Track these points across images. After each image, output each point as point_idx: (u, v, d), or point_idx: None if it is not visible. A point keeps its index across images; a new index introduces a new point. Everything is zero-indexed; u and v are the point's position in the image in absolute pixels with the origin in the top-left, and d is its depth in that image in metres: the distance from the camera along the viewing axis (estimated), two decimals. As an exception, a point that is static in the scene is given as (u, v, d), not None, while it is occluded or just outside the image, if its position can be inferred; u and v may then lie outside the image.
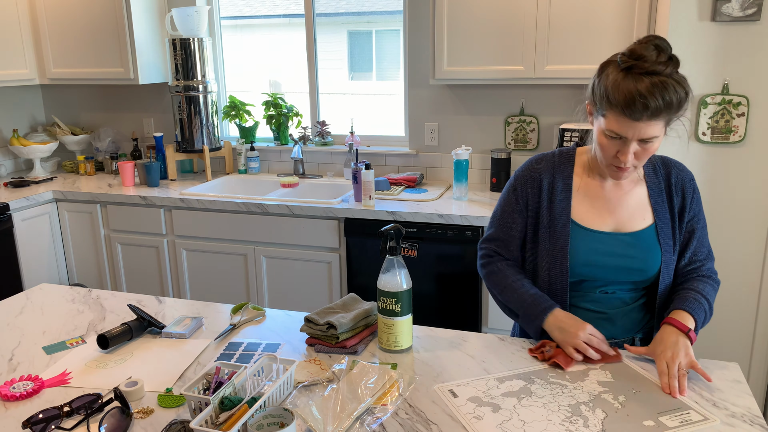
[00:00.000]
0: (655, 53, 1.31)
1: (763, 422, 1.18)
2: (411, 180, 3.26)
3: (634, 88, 1.29)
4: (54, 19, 3.56)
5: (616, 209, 1.50)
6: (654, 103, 1.28)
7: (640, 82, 1.29)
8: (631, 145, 1.35)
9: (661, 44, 1.32)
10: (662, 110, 1.30)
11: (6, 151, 3.92)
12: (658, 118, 1.31)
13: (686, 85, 1.33)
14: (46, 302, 1.85)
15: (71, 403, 1.26)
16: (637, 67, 1.31)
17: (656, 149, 1.38)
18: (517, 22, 2.81)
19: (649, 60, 1.30)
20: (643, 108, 1.29)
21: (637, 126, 1.32)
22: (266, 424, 1.10)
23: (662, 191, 1.51)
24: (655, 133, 1.33)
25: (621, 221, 1.49)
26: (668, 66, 1.31)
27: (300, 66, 3.69)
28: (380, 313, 1.48)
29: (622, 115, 1.31)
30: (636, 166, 1.40)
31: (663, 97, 1.28)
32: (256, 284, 3.18)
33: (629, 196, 1.51)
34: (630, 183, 1.51)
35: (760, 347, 2.51)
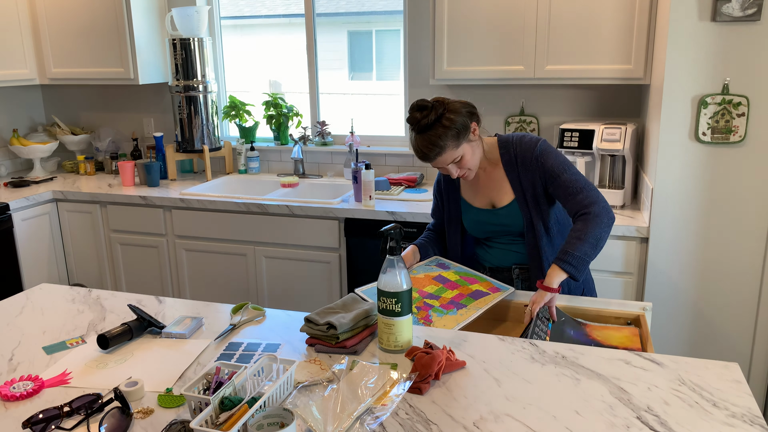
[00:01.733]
0: (419, 114, 1.74)
1: (763, 422, 1.18)
2: (411, 180, 3.26)
3: (417, 146, 1.77)
4: (54, 19, 3.56)
5: (486, 189, 1.95)
6: (432, 152, 1.76)
7: (419, 140, 1.76)
8: (448, 168, 1.82)
9: (421, 103, 1.75)
10: (442, 151, 1.75)
11: (6, 151, 3.92)
12: (443, 154, 1.76)
13: (458, 117, 1.75)
14: (46, 302, 1.85)
15: (71, 403, 1.26)
16: (415, 128, 1.76)
17: (469, 158, 1.81)
18: (517, 22, 2.81)
19: (415, 122, 1.75)
20: (427, 158, 1.78)
21: (435, 163, 1.80)
22: (266, 424, 1.10)
23: (514, 170, 1.89)
24: (452, 157, 1.78)
25: (492, 197, 1.95)
26: (432, 113, 1.73)
27: (300, 66, 3.69)
28: (380, 313, 1.48)
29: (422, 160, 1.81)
30: (469, 169, 1.84)
31: (436, 145, 1.74)
32: (256, 284, 3.18)
33: (491, 177, 1.94)
34: (490, 167, 1.94)
35: (760, 347, 2.51)
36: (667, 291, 2.54)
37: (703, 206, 2.45)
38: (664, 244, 2.51)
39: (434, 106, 1.74)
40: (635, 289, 2.61)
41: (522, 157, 1.88)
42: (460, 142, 1.77)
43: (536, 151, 1.86)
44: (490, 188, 1.95)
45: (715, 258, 2.48)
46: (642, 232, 2.52)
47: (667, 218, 2.48)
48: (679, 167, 2.43)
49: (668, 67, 2.36)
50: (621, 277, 2.61)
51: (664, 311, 2.57)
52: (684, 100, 2.37)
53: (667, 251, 2.51)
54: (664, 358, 1.44)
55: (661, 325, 2.59)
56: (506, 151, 1.90)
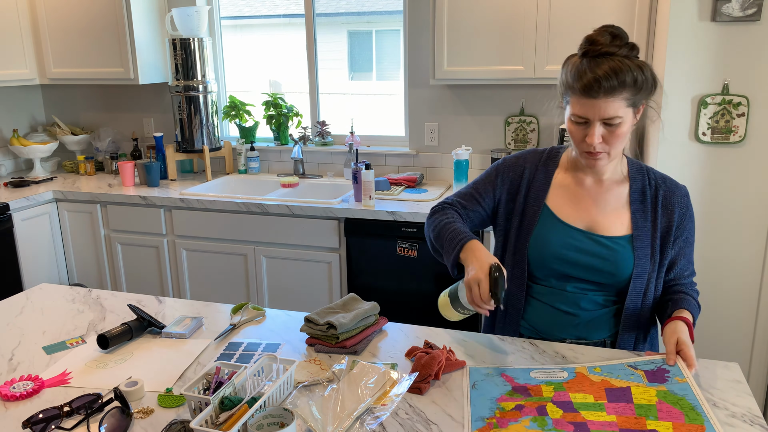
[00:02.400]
0: (609, 37, 1.37)
1: (763, 422, 1.18)
2: (411, 180, 3.26)
3: (587, 68, 1.36)
4: (54, 19, 3.56)
5: (593, 206, 1.51)
6: (608, 82, 1.33)
7: (595, 64, 1.36)
8: (595, 126, 1.38)
9: (616, 31, 1.38)
10: (617, 87, 1.34)
11: (6, 151, 3.92)
12: (614, 95, 1.34)
13: (646, 69, 1.38)
14: (46, 302, 1.85)
15: (71, 403, 1.26)
16: (592, 51, 1.37)
17: (625, 133, 1.40)
18: (517, 22, 2.81)
19: (603, 43, 1.37)
20: (598, 86, 1.33)
21: (597, 104, 1.35)
22: (266, 424, 1.10)
23: (645, 201, 1.51)
24: (617, 113, 1.36)
25: (596, 220, 1.50)
26: (622, 48, 1.37)
27: (300, 66, 3.69)
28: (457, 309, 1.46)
29: (582, 95, 1.36)
30: (608, 152, 1.42)
31: (617, 75, 1.33)
32: (256, 284, 3.18)
33: (609, 194, 1.51)
34: (611, 182, 1.52)
35: (760, 347, 2.51)
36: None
37: (703, 206, 2.44)
38: (664, 244, 2.50)
39: (630, 42, 1.39)
40: (635, 289, 2.60)
41: (667, 192, 1.51)
42: (634, 101, 1.38)
43: (689, 200, 1.52)
44: (600, 206, 1.51)
45: (715, 258, 2.48)
46: (642, 232, 2.52)
47: (667, 218, 2.48)
48: (679, 167, 2.43)
49: (668, 67, 2.36)
50: (621, 277, 2.61)
51: (664, 311, 2.57)
52: (684, 100, 2.37)
53: (667, 251, 2.51)
54: (664, 358, 1.44)
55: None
56: (639, 175, 1.53)
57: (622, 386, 1.28)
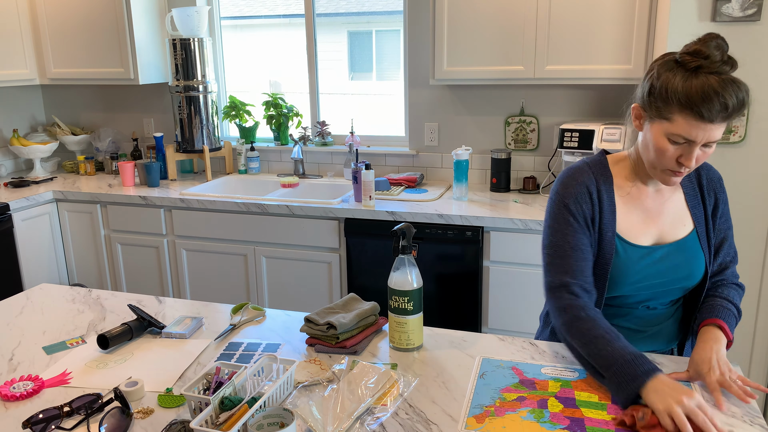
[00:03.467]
0: (719, 53, 1.26)
1: (763, 422, 1.18)
2: (411, 180, 3.26)
3: (710, 87, 1.22)
4: (54, 19, 3.56)
5: (658, 218, 1.44)
6: (731, 101, 1.23)
7: (713, 81, 1.23)
8: (696, 148, 1.28)
9: (722, 44, 1.27)
10: (736, 109, 1.24)
11: (6, 151, 3.92)
12: (730, 118, 1.26)
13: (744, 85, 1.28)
14: (46, 302, 1.85)
15: (71, 403, 1.26)
16: (704, 68, 1.25)
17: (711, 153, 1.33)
18: (517, 22, 2.81)
19: (716, 60, 1.25)
20: (722, 107, 1.22)
21: (709, 128, 1.25)
22: (266, 424, 1.10)
23: (697, 194, 1.45)
24: (720, 135, 1.28)
25: (663, 230, 1.43)
26: (732, 66, 1.27)
27: (300, 66, 3.69)
28: (392, 312, 1.49)
29: (697, 116, 1.24)
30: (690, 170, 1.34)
31: (737, 96, 1.23)
32: (256, 284, 3.18)
33: (669, 203, 1.45)
34: (669, 190, 1.45)
35: (760, 347, 2.51)
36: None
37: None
38: (664, 244, 2.51)
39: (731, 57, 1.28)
40: (635, 289, 2.61)
41: (709, 176, 1.47)
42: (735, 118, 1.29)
43: (722, 181, 1.49)
44: (665, 216, 1.44)
45: (715, 258, 2.48)
46: (642, 232, 2.52)
47: (667, 218, 2.48)
48: (679, 167, 2.43)
49: (668, 67, 2.36)
50: (621, 277, 2.61)
51: (664, 311, 2.57)
52: (684, 100, 2.37)
53: (667, 251, 2.51)
54: (664, 358, 1.44)
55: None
56: None
57: None
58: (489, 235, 2.74)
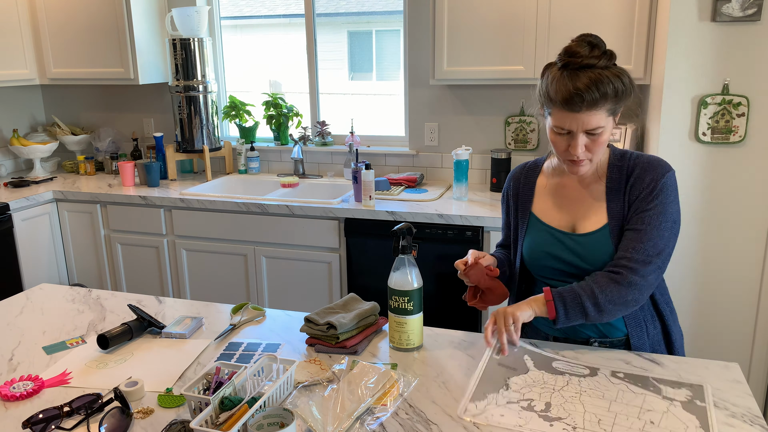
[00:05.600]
0: (587, 48, 1.38)
1: (763, 422, 1.18)
2: (411, 180, 3.26)
3: (570, 83, 1.35)
4: (54, 19, 3.56)
5: (573, 204, 1.55)
6: (590, 95, 1.34)
7: (575, 77, 1.36)
8: (579, 137, 1.39)
9: (594, 41, 1.39)
10: (599, 100, 1.35)
11: (6, 151, 3.92)
12: (596, 108, 1.36)
13: (624, 76, 1.38)
14: (46, 302, 1.85)
15: (71, 403, 1.26)
16: (572, 63, 1.38)
17: (606, 140, 1.41)
18: (517, 22, 2.81)
19: (582, 55, 1.37)
20: (579, 99, 1.34)
21: (579, 117, 1.37)
22: (266, 424, 1.10)
23: (621, 190, 1.49)
24: (599, 123, 1.37)
25: (577, 219, 1.53)
26: (601, 59, 1.37)
27: (300, 66, 3.69)
28: (392, 312, 1.49)
29: (563, 109, 1.37)
30: (590, 158, 1.44)
31: (598, 89, 1.34)
32: (256, 284, 3.18)
33: (586, 193, 1.54)
34: (591, 179, 1.54)
35: (760, 347, 2.51)
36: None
37: (703, 206, 2.44)
38: (664, 244, 2.50)
39: (609, 51, 1.39)
40: (635, 289, 2.60)
41: (639, 175, 1.46)
42: (615, 109, 1.39)
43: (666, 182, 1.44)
44: (579, 204, 1.54)
45: (715, 258, 2.48)
46: (642, 232, 2.52)
47: (667, 218, 2.48)
48: (679, 167, 2.43)
49: (668, 67, 2.36)
50: (621, 277, 2.61)
51: (664, 311, 2.56)
52: (684, 100, 2.37)
53: (667, 251, 2.51)
54: (664, 358, 1.44)
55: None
56: (619, 165, 1.50)
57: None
58: (489, 235, 2.74)
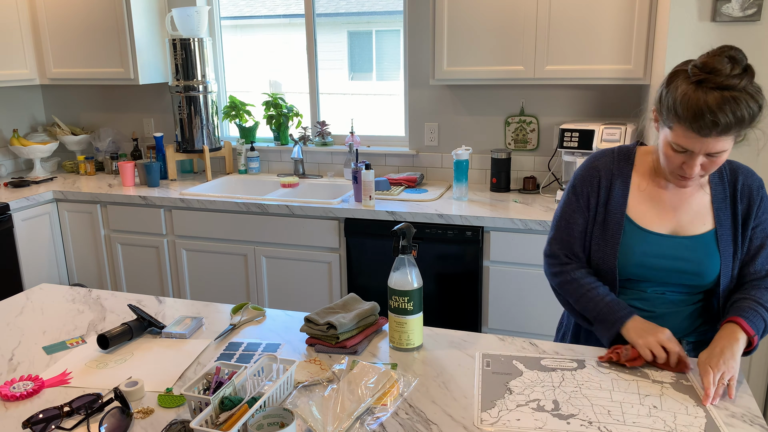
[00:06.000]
0: (729, 66, 1.26)
1: (763, 422, 1.18)
2: (411, 180, 3.26)
3: (704, 104, 1.24)
4: (54, 19, 3.56)
5: (677, 213, 1.46)
6: (724, 120, 1.24)
7: (710, 97, 1.24)
8: (697, 158, 1.31)
9: (736, 55, 1.27)
10: (732, 126, 1.25)
11: (6, 151, 3.92)
12: (727, 134, 1.27)
13: (760, 98, 1.28)
14: (46, 302, 1.85)
15: (71, 403, 1.26)
16: (709, 81, 1.25)
17: (724, 160, 1.34)
18: (517, 22, 2.81)
19: (723, 74, 1.25)
20: (712, 125, 1.24)
21: (705, 141, 1.27)
22: (266, 424, 1.10)
23: (726, 197, 1.45)
24: (724, 147, 1.29)
25: (680, 224, 1.46)
26: (743, 79, 1.26)
27: (300, 66, 3.69)
28: (392, 312, 1.49)
29: (690, 130, 1.27)
30: (702, 175, 1.37)
31: (734, 113, 1.24)
32: (256, 284, 3.18)
33: (692, 200, 1.46)
34: (694, 188, 1.47)
35: (760, 347, 2.51)
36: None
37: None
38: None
39: (747, 67, 1.27)
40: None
41: (744, 182, 1.45)
42: (743, 132, 1.30)
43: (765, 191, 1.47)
44: (683, 209, 1.46)
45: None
46: (642, 232, 2.52)
47: (667, 218, 2.48)
48: (679, 167, 2.43)
49: (668, 67, 2.36)
50: (621, 277, 2.61)
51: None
52: (684, 100, 2.37)
53: (667, 251, 2.51)
54: (664, 358, 1.44)
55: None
56: (718, 172, 1.47)
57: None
58: (489, 235, 2.74)
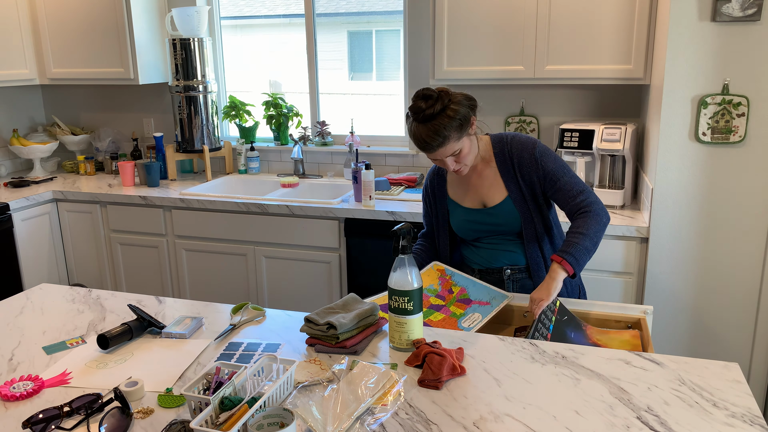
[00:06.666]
0: (423, 103, 1.71)
1: (763, 422, 1.18)
2: (411, 180, 3.26)
3: (419, 135, 1.73)
4: (54, 19, 3.56)
5: (477, 188, 1.93)
6: (436, 142, 1.72)
7: (421, 130, 1.72)
8: (446, 161, 1.79)
9: (427, 92, 1.71)
10: (445, 141, 1.72)
11: (6, 151, 3.92)
12: (445, 145, 1.73)
13: (459, 108, 1.71)
14: (46, 302, 1.85)
15: (71, 403, 1.26)
16: (417, 119, 1.72)
17: (470, 152, 1.80)
18: (517, 22, 2.81)
19: (420, 111, 1.71)
20: (430, 148, 1.74)
21: (437, 153, 1.76)
22: (266, 424, 1.10)
23: (510, 171, 1.89)
24: (454, 149, 1.76)
25: (483, 196, 1.93)
26: (437, 103, 1.70)
27: (300, 66, 3.69)
28: (392, 312, 1.49)
29: (423, 150, 1.77)
30: (466, 164, 1.82)
31: (440, 135, 1.71)
32: (256, 284, 3.18)
33: (483, 176, 1.93)
34: (482, 165, 1.93)
35: (760, 347, 2.51)
36: (667, 291, 2.54)
37: (703, 206, 2.45)
38: (663, 244, 2.51)
39: (440, 95, 1.71)
40: (635, 289, 2.61)
41: (519, 156, 1.87)
42: (462, 135, 1.75)
43: (536, 153, 1.86)
44: (481, 186, 1.93)
45: (715, 258, 2.48)
46: (642, 232, 2.52)
47: (667, 218, 2.48)
48: (679, 167, 2.43)
49: (668, 67, 2.36)
50: (621, 277, 2.61)
51: (663, 311, 2.57)
52: (684, 100, 2.37)
53: (666, 251, 2.51)
54: (664, 358, 1.44)
55: (660, 325, 2.59)
56: (500, 149, 1.90)
57: None
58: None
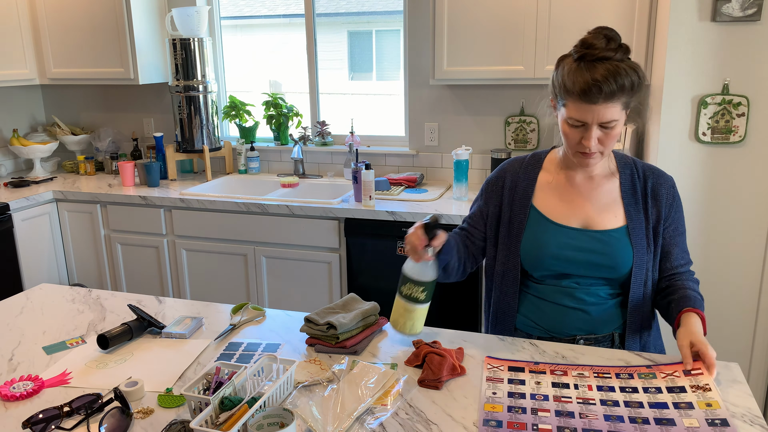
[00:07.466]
0: (604, 41, 1.40)
1: (763, 422, 1.18)
2: (411, 180, 3.26)
3: (588, 75, 1.38)
4: (54, 19, 3.56)
5: (586, 203, 1.54)
6: (608, 87, 1.36)
7: (593, 69, 1.38)
8: (592, 129, 1.41)
9: (610, 34, 1.41)
10: (616, 93, 1.37)
11: (6, 151, 3.92)
12: (613, 100, 1.38)
13: (639, 70, 1.41)
14: (46, 302, 1.85)
15: (71, 403, 1.26)
16: (588, 55, 1.40)
17: (618, 134, 1.43)
18: (517, 22, 2.81)
19: (599, 47, 1.39)
20: (597, 91, 1.36)
21: (595, 109, 1.38)
22: (266, 424, 1.10)
23: (637, 194, 1.54)
24: (614, 116, 1.39)
25: (590, 216, 1.53)
26: (617, 52, 1.39)
27: (300, 66, 3.69)
28: (402, 297, 1.48)
29: (580, 100, 1.39)
30: (602, 152, 1.46)
31: (615, 81, 1.36)
32: (256, 284, 3.18)
33: (600, 189, 1.55)
34: (601, 177, 1.56)
35: (760, 347, 2.51)
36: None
37: (703, 206, 2.44)
38: (664, 244, 2.50)
39: (623, 44, 1.42)
40: (635, 289, 2.61)
41: (655, 182, 1.53)
42: (629, 102, 1.42)
43: (676, 190, 1.56)
44: (593, 202, 1.53)
45: (715, 258, 2.48)
46: (642, 232, 2.52)
47: (667, 218, 2.48)
48: (679, 167, 2.43)
49: (668, 67, 2.36)
50: (621, 277, 2.61)
51: (664, 311, 2.57)
52: (684, 100, 2.37)
53: (667, 251, 2.51)
54: (664, 358, 1.44)
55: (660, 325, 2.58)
56: (626, 167, 1.56)
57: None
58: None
